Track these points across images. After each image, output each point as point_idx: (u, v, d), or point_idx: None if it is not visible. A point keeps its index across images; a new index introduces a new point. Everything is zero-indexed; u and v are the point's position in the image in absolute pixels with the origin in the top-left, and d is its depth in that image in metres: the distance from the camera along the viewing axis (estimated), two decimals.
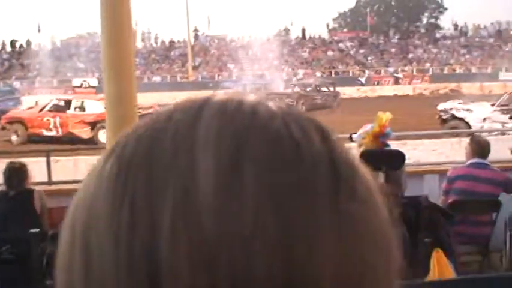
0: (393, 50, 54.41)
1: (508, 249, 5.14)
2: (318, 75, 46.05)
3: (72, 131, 19.46)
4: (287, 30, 59.22)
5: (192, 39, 52.30)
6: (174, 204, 0.39)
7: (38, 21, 55.61)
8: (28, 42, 53.87)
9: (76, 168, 10.01)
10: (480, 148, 5.59)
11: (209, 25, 58.11)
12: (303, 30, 58.33)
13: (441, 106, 17.90)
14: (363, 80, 46.16)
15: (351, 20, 73.98)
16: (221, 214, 0.39)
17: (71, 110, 20.12)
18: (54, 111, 20.28)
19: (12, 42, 53.25)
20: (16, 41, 53.53)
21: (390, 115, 4.48)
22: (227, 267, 0.38)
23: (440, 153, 10.93)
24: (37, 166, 7.18)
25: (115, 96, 5.02)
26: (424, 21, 70.92)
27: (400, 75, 47.05)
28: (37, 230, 4.68)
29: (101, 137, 17.97)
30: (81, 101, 20.41)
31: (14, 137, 20.23)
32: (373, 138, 4.40)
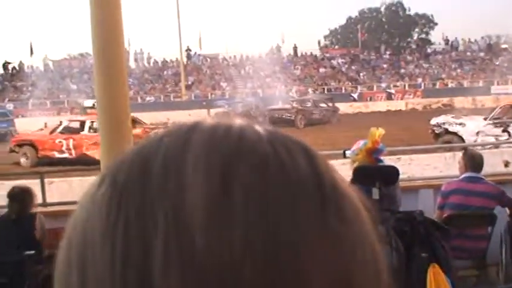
0: (385, 65, 54.71)
1: (505, 262, 5.14)
2: (310, 92, 46.18)
3: (87, 152, 18.73)
4: (279, 47, 59.38)
5: (184, 59, 52.40)
6: (166, 230, 0.40)
7: (30, 43, 55.45)
8: (21, 64, 53.86)
9: (71, 189, 9.97)
10: (474, 162, 5.60)
11: (201, 44, 58.19)
12: (295, 48, 58.62)
13: (434, 121, 17.93)
14: (355, 96, 46.34)
15: (342, 36, 74.43)
16: (212, 240, 0.39)
17: (85, 131, 19.51)
18: (67, 133, 19.73)
19: (5, 64, 53.22)
20: (9, 62, 53.49)
21: (383, 131, 4.49)
22: None
23: (434, 167, 10.95)
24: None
25: (109, 116, 5.02)
26: (415, 36, 71.40)
27: (392, 91, 47.31)
28: (32, 252, 4.67)
29: None
30: (95, 122, 20.08)
31: (23, 160, 19.73)
32: (367, 155, 4.41)
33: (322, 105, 32.73)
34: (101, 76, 5.01)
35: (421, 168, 10.65)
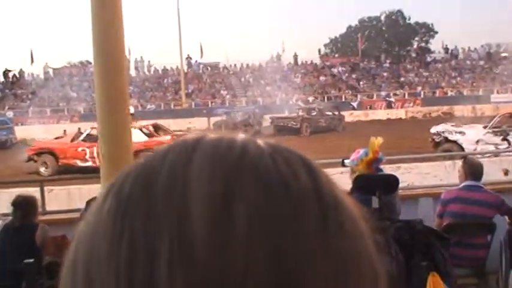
0: (385, 74, 54.71)
1: (504, 270, 5.12)
2: (310, 100, 46.22)
3: None
4: (279, 56, 59.42)
5: (185, 67, 52.44)
6: (170, 245, 0.41)
7: (30, 51, 55.49)
8: (21, 71, 53.86)
9: (70, 198, 9.97)
10: (473, 170, 5.60)
11: (202, 53, 58.25)
12: (295, 56, 58.67)
13: (434, 129, 17.94)
14: (355, 104, 46.31)
15: (342, 45, 74.39)
16: (215, 256, 0.40)
17: None
18: (90, 141, 18.67)
19: (5, 72, 53.21)
20: (9, 70, 53.47)
21: (381, 140, 4.49)
22: None
23: (434, 176, 10.95)
24: None
25: (109, 124, 5.03)
26: (415, 45, 71.39)
27: (392, 99, 47.26)
28: (31, 260, 4.67)
29: None
30: None
31: (42, 169, 19.21)
32: (367, 166, 4.41)
33: (328, 113, 33.04)
34: (102, 84, 5.02)
35: (421, 176, 10.65)
